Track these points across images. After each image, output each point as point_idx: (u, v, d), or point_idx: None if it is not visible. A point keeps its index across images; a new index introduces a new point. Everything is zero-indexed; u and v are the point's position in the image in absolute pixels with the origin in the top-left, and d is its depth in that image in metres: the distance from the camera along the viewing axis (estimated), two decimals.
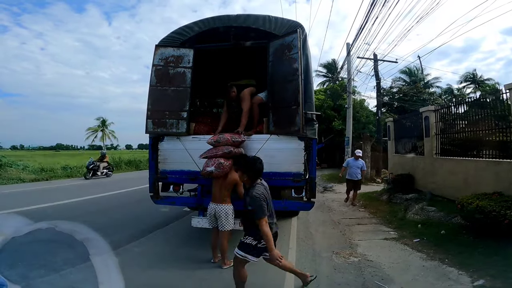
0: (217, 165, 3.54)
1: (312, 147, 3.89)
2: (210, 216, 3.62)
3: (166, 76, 4.20)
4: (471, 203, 4.20)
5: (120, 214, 6.49)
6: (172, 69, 4.21)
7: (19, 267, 3.20)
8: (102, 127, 46.82)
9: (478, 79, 24.51)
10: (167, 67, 4.21)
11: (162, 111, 4.16)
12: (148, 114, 4.13)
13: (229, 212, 3.56)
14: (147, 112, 4.14)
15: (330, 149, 19.51)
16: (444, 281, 3.16)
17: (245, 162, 2.90)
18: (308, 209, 4.16)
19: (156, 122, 4.14)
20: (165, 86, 4.19)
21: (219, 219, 3.54)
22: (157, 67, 4.18)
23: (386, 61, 14.30)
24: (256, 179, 2.79)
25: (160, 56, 4.20)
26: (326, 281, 3.25)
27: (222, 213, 3.53)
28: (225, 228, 3.53)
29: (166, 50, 4.23)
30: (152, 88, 4.16)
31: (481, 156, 5.61)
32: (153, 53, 4.21)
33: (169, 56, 4.22)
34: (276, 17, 4.06)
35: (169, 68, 4.21)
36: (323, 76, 26.68)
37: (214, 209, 3.56)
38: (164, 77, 4.19)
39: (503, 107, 5.30)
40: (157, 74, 4.18)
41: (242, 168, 2.83)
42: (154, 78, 4.17)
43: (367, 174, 13.06)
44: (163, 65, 4.20)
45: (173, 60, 4.22)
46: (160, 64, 4.19)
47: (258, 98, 4.27)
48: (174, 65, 4.22)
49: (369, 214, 6.62)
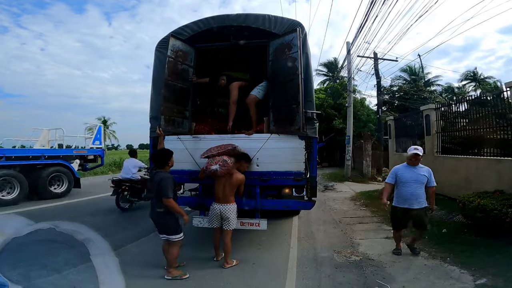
0: (221, 162, 3.52)
1: (312, 146, 3.89)
2: (214, 217, 3.58)
3: (175, 70, 4.09)
4: (473, 201, 4.19)
5: (121, 214, 6.49)
6: (180, 64, 4.13)
7: (21, 267, 3.19)
8: None
9: (478, 77, 24.47)
10: (177, 61, 4.11)
11: (171, 108, 4.06)
12: (161, 110, 3.91)
13: (235, 211, 3.57)
14: (160, 107, 3.91)
15: (331, 148, 19.53)
16: (446, 280, 3.15)
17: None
18: (309, 208, 4.15)
19: (167, 119, 4.00)
20: (174, 81, 4.08)
21: (226, 220, 3.52)
22: (169, 59, 3.98)
23: (386, 59, 14.31)
24: None
25: (172, 48, 4.01)
26: (327, 280, 3.24)
27: (229, 213, 3.51)
28: (231, 227, 3.54)
29: (176, 42, 4.07)
30: (166, 82, 3.92)
31: (482, 154, 5.60)
32: (167, 44, 3.97)
33: (178, 50, 4.10)
34: (275, 16, 4.05)
35: (178, 63, 4.12)
36: (324, 75, 26.68)
37: (220, 209, 3.53)
38: (174, 71, 4.07)
39: (504, 105, 5.29)
40: (169, 66, 3.97)
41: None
42: (167, 71, 3.94)
43: (368, 173, 13.08)
44: (174, 58, 4.06)
45: (181, 55, 4.15)
46: (172, 56, 4.02)
47: (252, 97, 4.23)
48: (182, 61, 4.15)
49: (370, 213, 6.60)
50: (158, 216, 3.23)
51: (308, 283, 3.20)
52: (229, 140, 3.92)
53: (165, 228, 3.25)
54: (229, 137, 4.04)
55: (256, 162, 3.91)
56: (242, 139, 3.97)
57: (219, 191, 3.57)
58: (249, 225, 3.83)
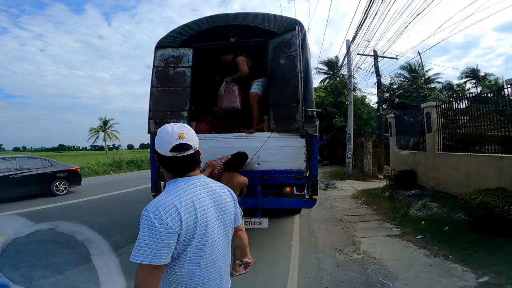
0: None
1: (313, 144, 3.88)
2: None
3: (167, 77, 4.20)
4: (474, 199, 4.17)
5: (122, 214, 6.49)
6: (172, 69, 4.21)
7: (22, 268, 3.20)
8: (104, 127, 46.97)
9: (479, 75, 24.38)
10: (167, 68, 4.21)
11: (163, 111, 4.16)
12: (150, 115, 4.15)
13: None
14: (149, 112, 4.15)
15: (332, 146, 19.49)
16: (448, 278, 3.15)
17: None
18: (310, 207, 4.15)
19: (158, 122, 4.13)
20: (166, 86, 4.19)
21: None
22: (158, 68, 4.20)
23: (386, 57, 14.27)
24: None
25: (160, 57, 4.21)
26: (329, 279, 3.24)
27: None
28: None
29: (166, 51, 4.24)
30: (153, 89, 4.17)
31: (483, 151, 5.58)
32: (153, 55, 4.22)
33: (169, 56, 4.22)
34: (274, 15, 4.04)
35: (169, 69, 4.21)
36: (324, 73, 26.61)
37: None
38: (164, 78, 4.19)
39: (505, 102, 5.26)
40: (157, 75, 4.19)
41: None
42: (155, 79, 4.18)
43: (369, 171, 13.07)
44: (163, 66, 4.21)
45: (173, 60, 4.22)
46: (160, 65, 4.20)
47: (254, 94, 4.26)
48: (174, 65, 4.22)
49: (372, 211, 6.60)
50: None
51: (310, 281, 3.20)
52: (229, 139, 3.92)
53: None
54: (230, 136, 4.04)
55: (257, 161, 3.91)
56: (242, 138, 3.97)
57: None
58: (250, 224, 3.82)
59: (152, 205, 1.03)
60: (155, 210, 1.01)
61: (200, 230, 1.08)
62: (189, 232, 1.05)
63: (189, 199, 1.08)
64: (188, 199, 1.08)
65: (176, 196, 1.07)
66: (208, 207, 1.13)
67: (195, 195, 1.11)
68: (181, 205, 1.05)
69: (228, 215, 1.21)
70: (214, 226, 1.13)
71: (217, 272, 1.15)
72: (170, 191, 1.09)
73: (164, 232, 0.99)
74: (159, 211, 1.01)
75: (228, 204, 1.23)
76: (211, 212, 1.14)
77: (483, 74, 24.30)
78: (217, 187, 1.22)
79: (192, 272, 1.08)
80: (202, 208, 1.10)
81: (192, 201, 1.08)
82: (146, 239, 0.98)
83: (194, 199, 1.09)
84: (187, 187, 1.11)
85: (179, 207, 1.04)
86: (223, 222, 1.19)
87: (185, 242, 1.05)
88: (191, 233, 1.06)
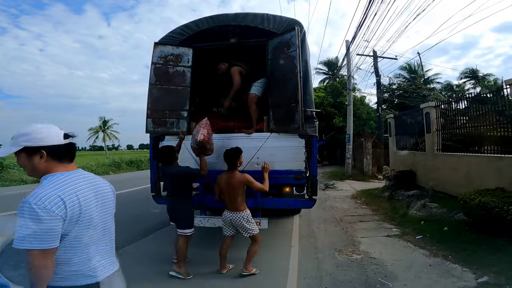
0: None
1: (312, 145, 3.88)
2: (226, 224, 3.40)
3: (166, 75, 4.16)
4: (474, 199, 4.18)
5: (121, 214, 6.43)
6: (171, 67, 4.18)
7: (22, 268, 3.19)
8: (103, 127, 46.92)
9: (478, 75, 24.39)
10: (167, 66, 4.17)
11: (162, 110, 4.13)
12: (148, 113, 4.09)
13: (249, 218, 3.32)
14: (147, 111, 4.10)
15: (331, 146, 19.51)
16: (448, 278, 3.15)
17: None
18: (309, 207, 4.15)
19: (156, 121, 4.12)
20: (165, 85, 4.15)
21: (241, 228, 3.31)
22: (156, 65, 4.14)
23: (385, 57, 14.29)
24: None
25: (159, 54, 4.15)
26: (329, 279, 3.24)
27: (240, 220, 3.28)
28: (252, 232, 3.31)
29: (165, 48, 4.19)
30: (151, 87, 4.12)
31: (482, 151, 5.59)
32: (152, 51, 4.16)
33: (168, 54, 4.18)
34: (274, 15, 4.04)
35: (169, 67, 4.17)
36: (323, 74, 26.63)
37: (230, 218, 3.32)
38: (163, 76, 4.15)
39: (504, 102, 5.27)
40: (156, 72, 4.14)
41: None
42: (153, 76, 4.12)
43: (368, 171, 13.08)
44: (162, 63, 4.16)
45: (172, 58, 4.19)
46: (159, 62, 4.15)
47: (252, 95, 4.21)
48: (174, 64, 4.19)
49: (371, 211, 6.61)
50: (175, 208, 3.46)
51: (310, 281, 3.21)
52: (229, 139, 3.92)
53: (179, 221, 3.42)
54: (229, 136, 4.04)
55: (256, 161, 3.90)
56: (242, 138, 3.97)
57: (227, 199, 3.35)
58: None
59: (33, 197, 1.09)
60: (38, 201, 1.08)
61: (84, 217, 1.19)
62: (73, 218, 1.16)
63: (71, 190, 1.18)
64: (70, 190, 1.17)
65: (57, 188, 1.15)
66: (90, 198, 1.24)
67: (77, 187, 1.21)
68: (65, 195, 1.14)
69: (108, 204, 1.36)
70: (94, 214, 1.25)
71: (91, 254, 1.24)
72: (49, 184, 1.17)
73: (50, 218, 1.08)
74: (42, 201, 1.08)
75: (108, 194, 1.37)
76: (93, 202, 1.26)
77: (482, 75, 24.31)
78: (96, 180, 1.34)
79: (71, 254, 1.18)
80: (85, 198, 1.22)
81: (75, 192, 1.18)
82: (30, 227, 1.06)
83: (76, 191, 1.19)
84: (67, 180, 1.20)
85: (63, 197, 1.13)
86: (104, 211, 1.32)
87: (69, 227, 1.15)
88: (75, 219, 1.17)
